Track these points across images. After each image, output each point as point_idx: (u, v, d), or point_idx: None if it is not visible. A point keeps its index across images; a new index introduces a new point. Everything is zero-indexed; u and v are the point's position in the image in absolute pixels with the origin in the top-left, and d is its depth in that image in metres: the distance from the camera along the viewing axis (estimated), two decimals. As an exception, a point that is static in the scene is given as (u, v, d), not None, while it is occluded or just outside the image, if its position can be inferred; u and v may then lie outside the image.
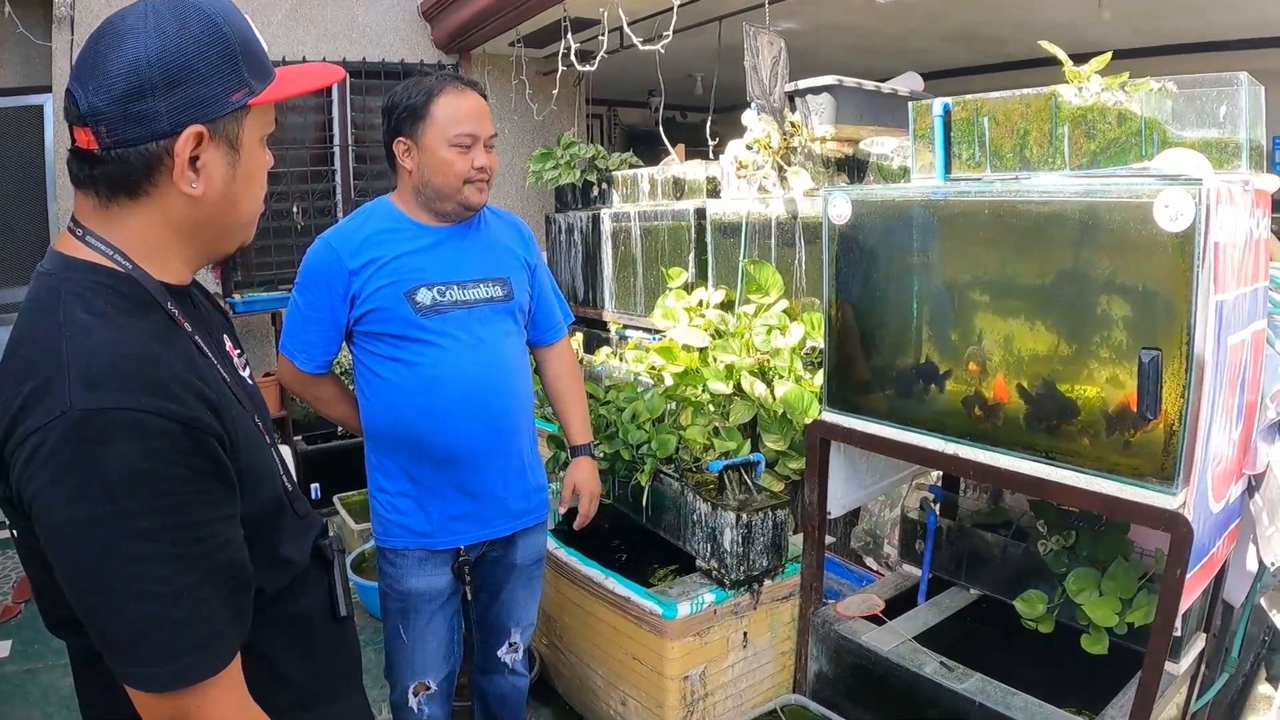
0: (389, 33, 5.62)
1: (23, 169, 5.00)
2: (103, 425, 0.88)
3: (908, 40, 5.44)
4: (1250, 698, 2.41)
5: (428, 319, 1.97)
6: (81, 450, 0.88)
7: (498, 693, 2.35)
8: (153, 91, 0.94)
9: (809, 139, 3.31)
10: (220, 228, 1.06)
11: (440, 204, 2.01)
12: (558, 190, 5.22)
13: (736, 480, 2.52)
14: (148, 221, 1.01)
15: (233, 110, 0.99)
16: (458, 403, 1.99)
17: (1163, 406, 1.58)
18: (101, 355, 0.92)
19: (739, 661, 2.49)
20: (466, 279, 2.04)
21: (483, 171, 1.99)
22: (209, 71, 0.97)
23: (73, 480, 0.88)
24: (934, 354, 1.96)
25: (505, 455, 2.09)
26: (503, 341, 2.08)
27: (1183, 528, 1.59)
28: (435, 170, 1.96)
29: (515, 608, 2.26)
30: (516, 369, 2.12)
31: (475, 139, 1.97)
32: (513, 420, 2.10)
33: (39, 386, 0.90)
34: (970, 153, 2.07)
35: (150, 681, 0.93)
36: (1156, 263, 1.58)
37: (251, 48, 1.02)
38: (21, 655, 3.28)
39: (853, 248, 2.09)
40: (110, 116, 0.94)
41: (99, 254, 1.00)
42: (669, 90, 4.62)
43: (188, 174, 0.98)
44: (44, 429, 0.88)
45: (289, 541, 1.14)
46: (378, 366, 2.00)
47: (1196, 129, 1.80)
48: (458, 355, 1.99)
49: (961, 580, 2.51)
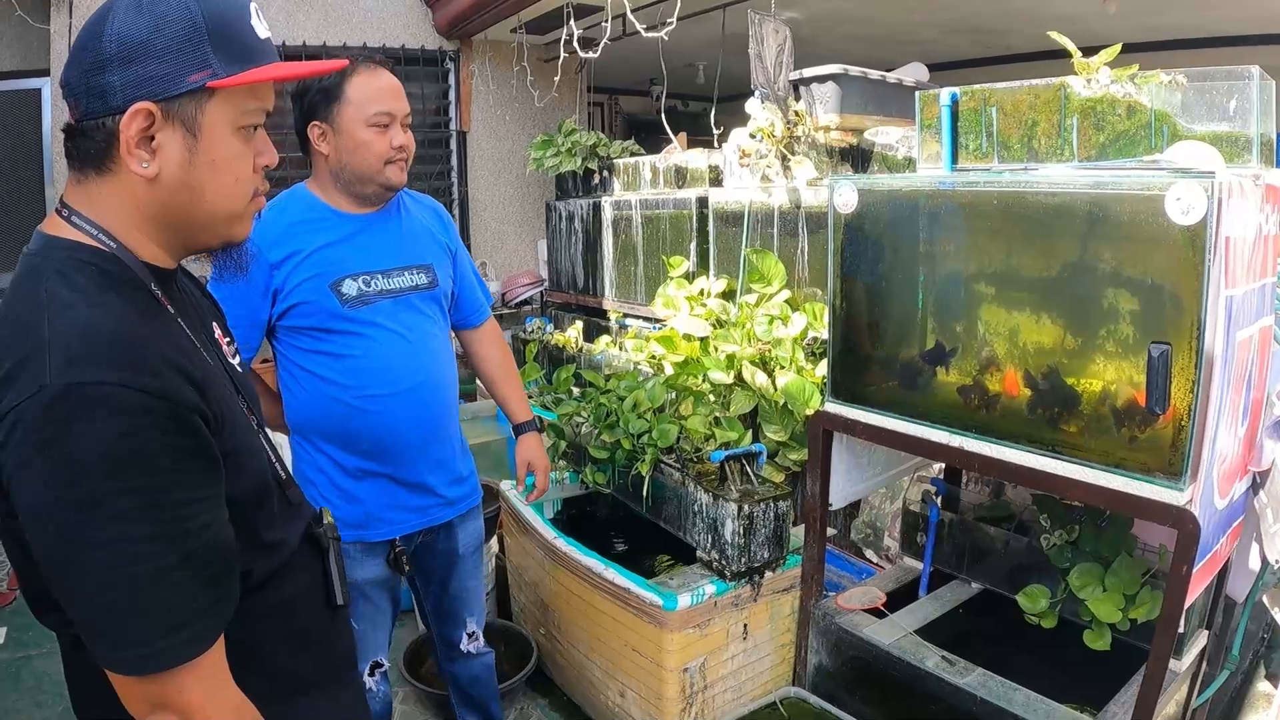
0: (390, 18, 5.59)
1: (20, 154, 4.96)
2: (81, 400, 0.87)
3: (912, 31, 5.43)
4: (1250, 695, 2.40)
5: (354, 310, 1.94)
6: (59, 427, 0.86)
7: (469, 675, 2.38)
8: (110, 65, 0.94)
9: (813, 128, 3.28)
10: (187, 216, 1.03)
11: (361, 187, 1.97)
12: (558, 178, 5.20)
13: (738, 471, 2.51)
14: (117, 200, 1.00)
15: (188, 90, 0.97)
16: (389, 393, 1.98)
17: (1171, 401, 1.57)
18: (82, 331, 0.91)
19: (739, 654, 2.49)
20: (390, 268, 2.01)
21: (402, 150, 1.96)
22: (167, 49, 0.95)
23: (50, 457, 0.87)
24: (939, 345, 1.95)
25: (437, 443, 2.09)
26: (430, 329, 2.07)
27: (1189, 524, 1.58)
28: (353, 152, 1.92)
29: (467, 597, 2.28)
30: (444, 357, 2.12)
31: (392, 118, 1.94)
32: (443, 408, 2.10)
33: (18, 363, 0.89)
34: (977, 143, 2.05)
35: (129, 665, 0.91)
36: (1167, 256, 1.56)
37: (231, 31, 0.99)
38: (15, 642, 3.27)
39: (858, 237, 2.08)
40: (77, 90, 0.96)
41: (83, 233, 0.99)
42: (671, 79, 4.59)
43: (137, 152, 0.97)
44: (22, 405, 0.87)
45: (278, 526, 1.13)
46: (304, 360, 1.96)
47: (1207, 123, 1.78)
48: (387, 346, 1.98)
49: (963, 574, 2.51)
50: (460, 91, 5.97)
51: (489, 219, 6.26)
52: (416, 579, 2.24)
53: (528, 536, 2.89)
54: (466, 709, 2.43)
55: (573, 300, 4.95)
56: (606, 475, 2.89)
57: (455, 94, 6.00)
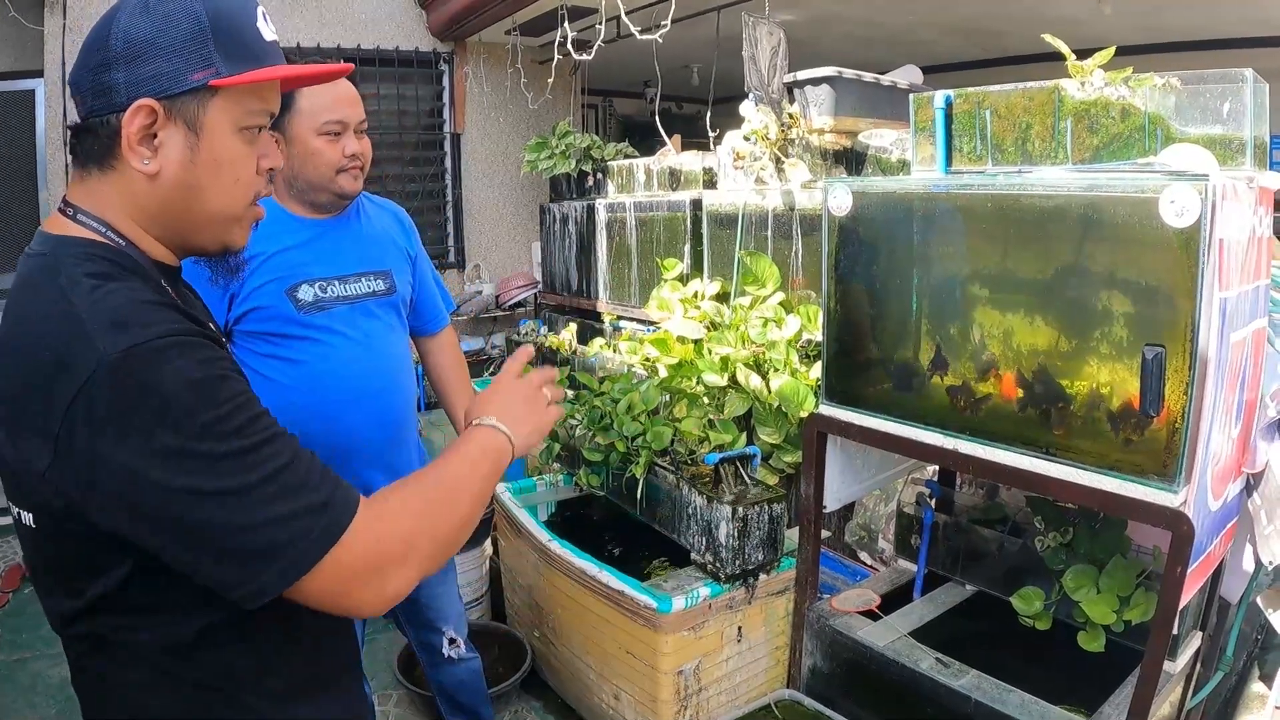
0: (384, 20, 5.59)
1: (13, 155, 4.94)
2: (142, 357, 0.87)
3: (907, 33, 5.43)
4: (1243, 696, 2.41)
5: (310, 316, 1.94)
6: (133, 388, 0.86)
7: (455, 681, 2.38)
8: (115, 64, 0.95)
9: (807, 130, 3.29)
10: (186, 215, 1.03)
11: (314, 195, 1.96)
12: (553, 180, 5.19)
13: (732, 473, 2.51)
14: (119, 198, 1.00)
15: (190, 89, 0.97)
16: (347, 399, 1.97)
17: (1165, 403, 1.57)
18: (114, 303, 0.91)
19: (733, 656, 2.48)
20: (348, 273, 2.01)
21: (355, 159, 1.95)
22: (171, 47, 0.95)
23: (143, 417, 0.86)
24: (934, 348, 1.95)
25: (395, 448, 2.08)
26: (387, 335, 2.07)
27: (1184, 525, 1.58)
28: (305, 161, 1.91)
29: (439, 605, 2.27)
30: (401, 362, 2.11)
31: (345, 126, 1.93)
32: (401, 413, 2.10)
33: (66, 349, 0.88)
34: (971, 146, 2.05)
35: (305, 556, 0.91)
36: (1161, 258, 1.56)
37: (236, 32, 1.00)
38: (10, 644, 3.26)
39: (852, 240, 2.07)
40: (83, 88, 0.97)
41: (93, 230, 0.99)
42: (665, 81, 4.60)
43: (138, 149, 0.97)
44: (88, 383, 0.86)
45: None
46: (260, 365, 1.94)
47: (1200, 125, 1.79)
48: (344, 352, 1.97)
49: (957, 576, 2.51)
50: (454, 93, 5.97)
51: (483, 221, 6.26)
52: None
53: (522, 539, 2.89)
54: (456, 715, 2.42)
55: (567, 302, 4.94)
56: (601, 478, 2.89)
57: (449, 96, 6.00)
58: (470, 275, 6.25)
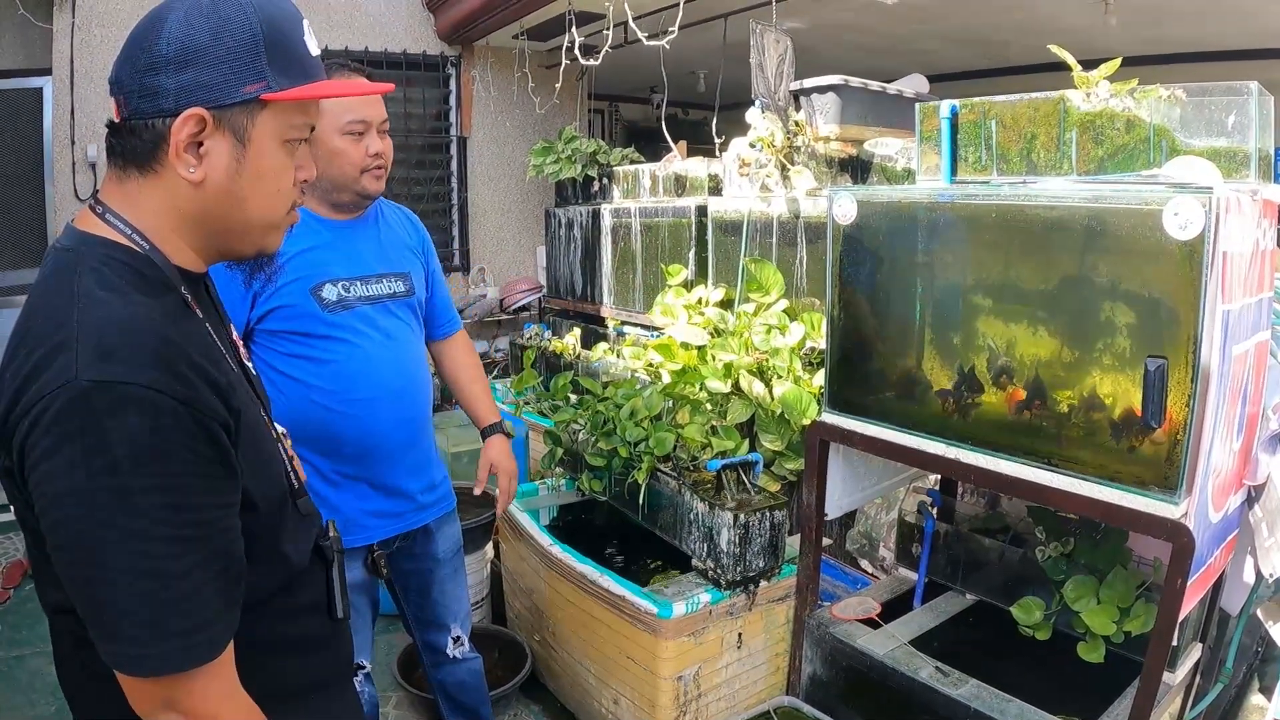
0: (392, 23, 5.61)
1: (21, 152, 4.96)
2: (110, 398, 0.87)
3: (913, 42, 5.44)
4: (1243, 708, 2.40)
5: (335, 315, 1.94)
6: (88, 420, 0.86)
7: (456, 682, 2.37)
8: (165, 68, 0.95)
9: (813, 138, 3.30)
10: (226, 223, 1.04)
11: (337, 195, 1.97)
12: (558, 184, 5.21)
13: (734, 480, 2.51)
14: (157, 202, 1.00)
15: (242, 101, 0.97)
16: (372, 398, 1.98)
17: (1167, 415, 1.57)
18: (113, 328, 0.91)
19: (733, 662, 2.48)
20: (369, 274, 2.02)
21: (378, 158, 1.96)
22: (224, 57, 0.96)
23: (76, 449, 0.87)
24: (937, 357, 1.95)
25: (415, 448, 2.10)
26: (408, 336, 2.09)
27: (1184, 537, 1.58)
28: (329, 161, 1.91)
29: (449, 602, 2.28)
30: (422, 362, 2.14)
31: (368, 125, 1.93)
32: (421, 413, 2.12)
33: (49, 353, 0.89)
34: (976, 156, 2.06)
35: (140, 664, 0.91)
36: (1164, 270, 1.57)
37: (286, 45, 1.00)
38: (10, 641, 3.27)
39: (857, 248, 2.08)
40: (128, 88, 0.96)
41: (118, 232, 0.99)
42: (671, 87, 4.61)
43: (185, 156, 0.97)
44: (48, 396, 0.87)
45: (290, 539, 1.12)
46: (284, 365, 1.94)
47: (1205, 137, 1.79)
48: (369, 351, 1.98)
49: (958, 585, 2.51)
50: (461, 97, 5.99)
51: (488, 224, 6.27)
52: (396, 587, 2.23)
53: (523, 543, 2.89)
54: (456, 716, 2.43)
55: (571, 307, 4.95)
56: (603, 483, 2.89)
57: (456, 99, 6.02)
58: (475, 279, 6.26)
